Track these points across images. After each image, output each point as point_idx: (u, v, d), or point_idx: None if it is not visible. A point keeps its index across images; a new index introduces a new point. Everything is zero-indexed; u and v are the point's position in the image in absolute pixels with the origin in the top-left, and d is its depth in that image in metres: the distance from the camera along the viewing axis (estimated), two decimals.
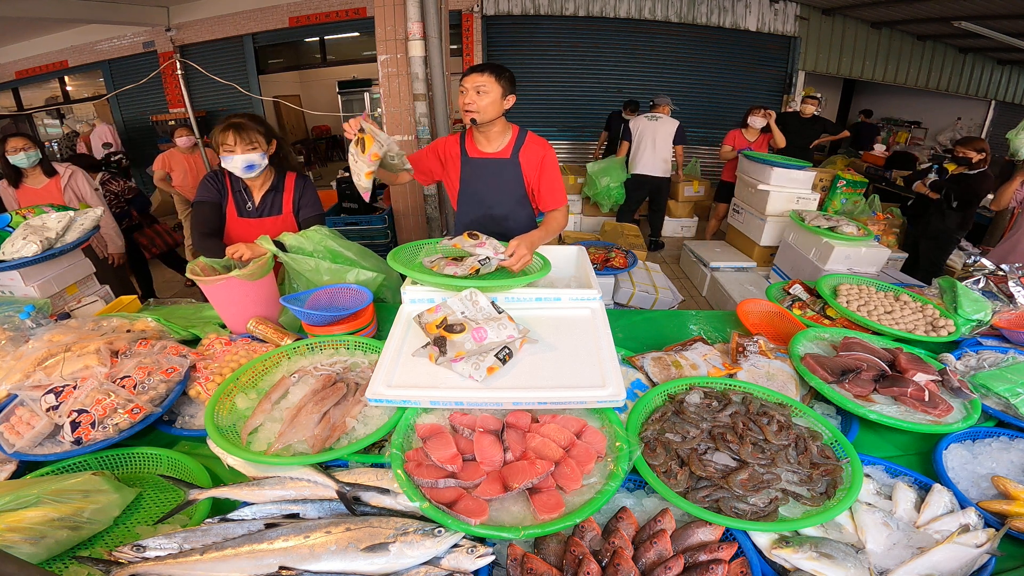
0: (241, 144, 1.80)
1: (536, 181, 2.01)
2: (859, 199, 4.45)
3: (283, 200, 2.02)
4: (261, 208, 2.00)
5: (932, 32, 6.97)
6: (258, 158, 1.85)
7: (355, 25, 7.21)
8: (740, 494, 1.00)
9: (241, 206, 1.99)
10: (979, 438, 1.26)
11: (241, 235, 1.97)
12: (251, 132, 1.81)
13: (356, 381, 1.29)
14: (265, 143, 1.87)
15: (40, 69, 7.85)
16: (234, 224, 2.00)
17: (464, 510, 0.91)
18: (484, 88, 1.79)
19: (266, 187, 1.99)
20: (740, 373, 1.43)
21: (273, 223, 2.00)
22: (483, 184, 2.01)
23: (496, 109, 1.84)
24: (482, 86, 1.78)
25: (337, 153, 11.20)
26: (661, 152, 4.96)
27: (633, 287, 2.96)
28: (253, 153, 1.83)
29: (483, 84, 1.78)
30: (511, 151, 1.97)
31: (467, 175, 2.01)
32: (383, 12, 3.20)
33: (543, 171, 1.98)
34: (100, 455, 1.15)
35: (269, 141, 1.90)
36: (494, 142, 1.97)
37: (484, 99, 1.79)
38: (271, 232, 1.98)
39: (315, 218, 2.05)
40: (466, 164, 2.00)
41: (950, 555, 0.92)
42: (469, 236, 1.58)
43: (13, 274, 1.80)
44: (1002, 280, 2.02)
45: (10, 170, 2.84)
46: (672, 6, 6.96)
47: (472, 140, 1.99)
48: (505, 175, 2.00)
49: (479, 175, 2.01)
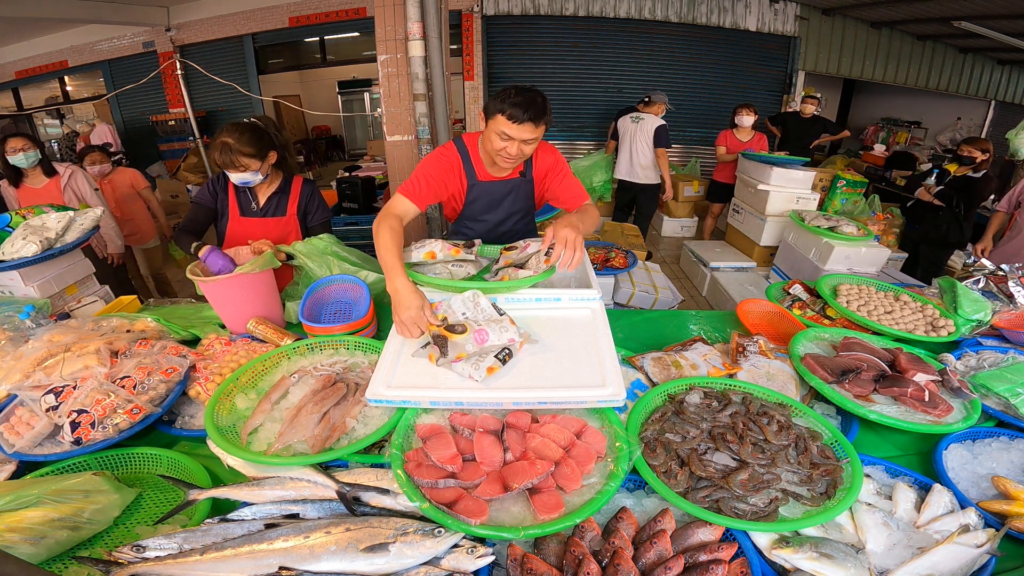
0: (231, 168, 1.81)
1: (555, 189, 1.83)
2: (859, 199, 4.45)
3: (288, 202, 2.04)
4: (266, 209, 2.02)
5: (932, 32, 6.97)
6: (251, 176, 1.85)
7: (355, 25, 7.21)
8: (740, 494, 1.00)
9: (245, 206, 2.01)
10: (979, 438, 1.26)
11: (245, 233, 1.98)
12: (237, 156, 1.77)
13: (356, 381, 1.29)
14: (259, 160, 1.83)
15: (40, 69, 7.85)
16: (237, 223, 2.01)
17: (464, 510, 0.91)
18: (531, 143, 1.57)
19: (272, 188, 2.02)
20: (740, 373, 1.43)
21: (276, 224, 2.02)
22: (494, 205, 1.87)
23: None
24: (532, 140, 1.56)
25: (337, 153, 11.20)
26: (640, 157, 4.54)
27: (633, 287, 2.96)
28: (244, 174, 1.83)
29: (534, 138, 1.55)
30: (523, 168, 1.82)
31: (475, 197, 1.85)
32: (383, 12, 3.19)
33: (555, 176, 1.82)
34: (100, 455, 1.15)
35: (266, 153, 1.86)
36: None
37: (529, 150, 1.60)
38: (274, 231, 1.99)
39: (322, 225, 2.09)
40: (474, 187, 1.81)
41: (950, 555, 0.92)
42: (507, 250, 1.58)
43: (13, 274, 1.80)
44: (1002, 280, 2.02)
45: (10, 170, 2.84)
46: (672, 6, 6.96)
47: (480, 162, 1.78)
48: (519, 194, 1.87)
49: (489, 198, 1.86)
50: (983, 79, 7.55)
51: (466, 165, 1.77)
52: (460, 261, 1.51)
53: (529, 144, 1.57)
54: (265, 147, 1.86)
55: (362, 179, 4.23)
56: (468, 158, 1.77)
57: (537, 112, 1.50)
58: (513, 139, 1.54)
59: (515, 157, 1.59)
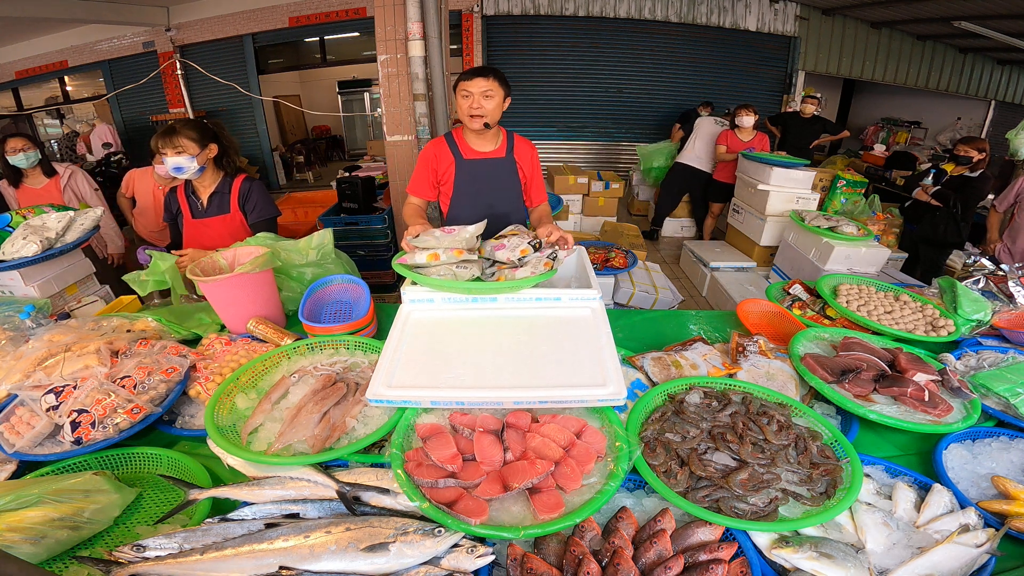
0: (169, 148, 1.91)
1: (528, 179, 2.09)
2: (859, 199, 4.44)
3: (230, 201, 2.11)
4: (209, 208, 2.10)
5: (932, 32, 6.98)
6: (185, 161, 1.93)
7: (355, 25, 7.22)
8: (740, 494, 1.00)
9: (194, 208, 2.11)
10: (979, 438, 1.26)
11: (195, 234, 2.09)
12: (178, 138, 1.90)
13: (356, 381, 1.29)
14: (197, 147, 1.94)
15: (40, 69, 7.85)
16: (189, 225, 2.12)
17: (464, 510, 0.91)
18: (490, 93, 1.82)
19: (211, 189, 2.09)
20: (740, 373, 1.43)
21: (221, 221, 2.10)
22: (484, 183, 2.03)
23: (499, 112, 1.89)
24: (488, 91, 1.81)
25: (337, 153, 11.20)
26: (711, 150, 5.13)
27: (633, 287, 2.96)
28: (180, 157, 1.92)
29: (489, 89, 1.81)
30: (506, 150, 2.03)
31: (464, 176, 2.02)
32: (383, 12, 3.20)
33: (534, 169, 2.08)
34: (100, 455, 1.15)
35: (207, 144, 1.98)
36: (489, 143, 2.01)
37: (491, 103, 1.83)
38: (220, 230, 2.08)
39: (266, 222, 2.13)
40: (462, 166, 2.01)
41: (950, 555, 0.92)
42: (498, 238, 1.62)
43: (13, 274, 1.80)
44: (1002, 280, 2.02)
45: (10, 170, 2.84)
46: (672, 6, 6.97)
47: (465, 142, 2.00)
48: (503, 173, 2.04)
49: (479, 175, 2.02)
50: (983, 79, 7.56)
51: (451, 146, 2.00)
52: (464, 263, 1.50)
53: (488, 97, 1.82)
54: (207, 138, 1.98)
55: (362, 179, 4.22)
56: (453, 140, 2.01)
57: (481, 69, 1.83)
58: (472, 92, 1.81)
59: (479, 109, 1.82)
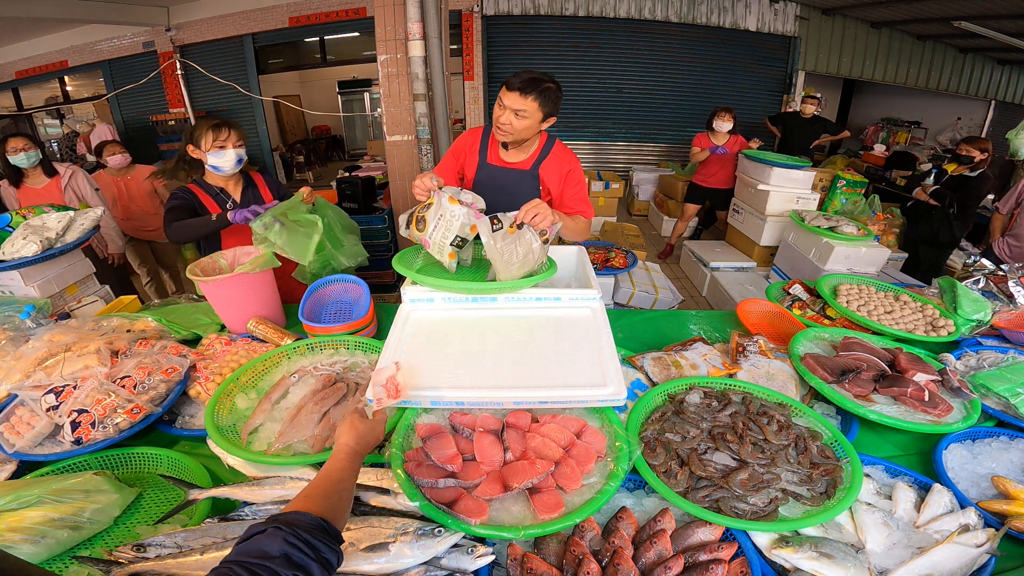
0: (232, 140, 1.91)
1: (558, 193, 1.89)
2: (859, 199, 4.44)
3: (260, 192, 2.11)
4: (244, 203, 2.04)
5: (932, 32, 6.97)
6: (244, 153, 1.97)
7: (355, 25, 7.21)
8: (740, 494, 1.00)
9: (223, 207, 2.03)
10: (979, 438, 1.26)
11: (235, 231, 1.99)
12: (238, 130, 1.94)
13: (356, 381, 1.29)
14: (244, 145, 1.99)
15: (40, 69, 7.84)
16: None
17: (464, 510, 0.91)
18: (524, 113, 1.63)
19: (241, 184, 2.06)
20: (740, 373, 1.43)
21: None
22: (497, 193, 1.83)
23: (531, 132, 1.72)
24: (522, 111, 1.62)
25: (337, 153, 11.20)
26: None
27: (633, 287, 2.96)
28: (241, 149, 1.94)
29: (523, 109, 1.62)
30: (532, 163, 1.85)
31: (481, 180, 1.90)
32: (383, 12, 3.20)
33: (566, 184, 1.87)
34: (100, 455, 1.16)
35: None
36: (519, 152, 1.85)
37: (522, 123, 1.65)
38: None
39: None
40: (482, 169, 1.89)
41: (950, 555, 0.92)
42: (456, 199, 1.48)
43: (13, 274, 1.80)
44: (1002, 280, 2.02)
45: (11, 170, 2.84)
46: (672, 6, 6.96)
47: (495, 145, 1.86)
48: (522, 186, 1.87)
49: (494, 183, 1.88)
50: (983, 79, 7.55)
51: (483, 145, 1.88)
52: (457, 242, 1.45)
53: (520, 116, 1.63)
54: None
55: (362, 179, 4.22)
56: (486, 139, 1.89)
57: (526, 84, 1.60)
58: (505, 107, 1.64)
59: (507, 126, 1.66)
